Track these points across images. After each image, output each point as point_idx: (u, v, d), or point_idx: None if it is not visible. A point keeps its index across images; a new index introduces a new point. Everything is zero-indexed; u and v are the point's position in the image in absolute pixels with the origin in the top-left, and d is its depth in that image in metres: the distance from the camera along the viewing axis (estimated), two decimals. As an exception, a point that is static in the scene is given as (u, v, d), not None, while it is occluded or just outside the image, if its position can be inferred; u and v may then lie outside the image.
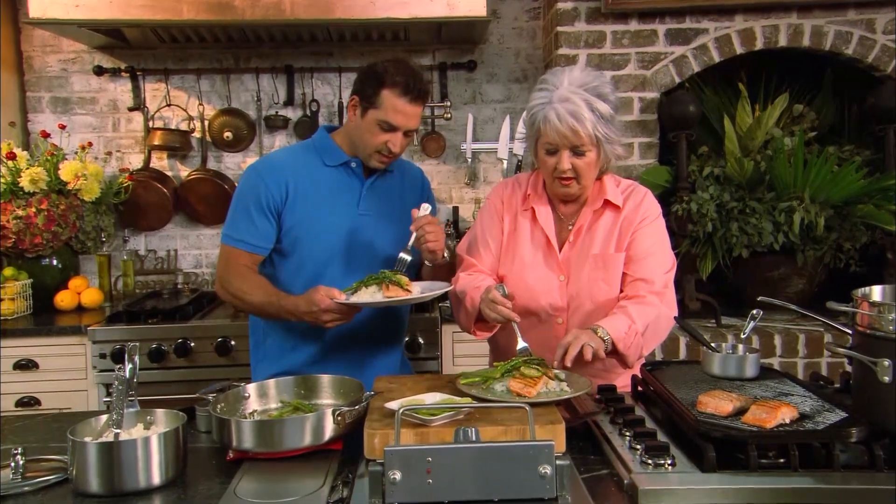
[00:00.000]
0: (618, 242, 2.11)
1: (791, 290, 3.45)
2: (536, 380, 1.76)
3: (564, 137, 1.98)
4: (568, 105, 1.95)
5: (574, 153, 2.01)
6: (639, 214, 2.14)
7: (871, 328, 1.54)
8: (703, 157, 3.54)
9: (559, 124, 1.96)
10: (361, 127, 2.16)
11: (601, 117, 1.98)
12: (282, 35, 3.61)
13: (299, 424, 1.61)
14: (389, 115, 2.12)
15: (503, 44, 3.91)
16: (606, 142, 2.01)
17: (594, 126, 1.96)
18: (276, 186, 2.16)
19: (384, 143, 2.15)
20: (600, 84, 2.01)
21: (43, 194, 3.41)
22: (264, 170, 2.20)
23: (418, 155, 3.91)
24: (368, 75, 2.14)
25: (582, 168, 2.03)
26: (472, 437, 1.44)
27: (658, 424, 1.73)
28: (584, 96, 1.96)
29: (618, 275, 2.09)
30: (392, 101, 2.11)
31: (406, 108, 2.12)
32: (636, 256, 2.09)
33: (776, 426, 1.51)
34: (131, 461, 1.47)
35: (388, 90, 2.11)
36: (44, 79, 3.86)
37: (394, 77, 2.10)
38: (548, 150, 2.04)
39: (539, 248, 2.16)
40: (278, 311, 2.12)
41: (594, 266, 2.11)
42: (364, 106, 2.15)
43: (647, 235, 2.12)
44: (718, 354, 1.85)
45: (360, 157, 2.22)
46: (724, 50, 3.47)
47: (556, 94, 1.98)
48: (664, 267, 2.09)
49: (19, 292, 3.42)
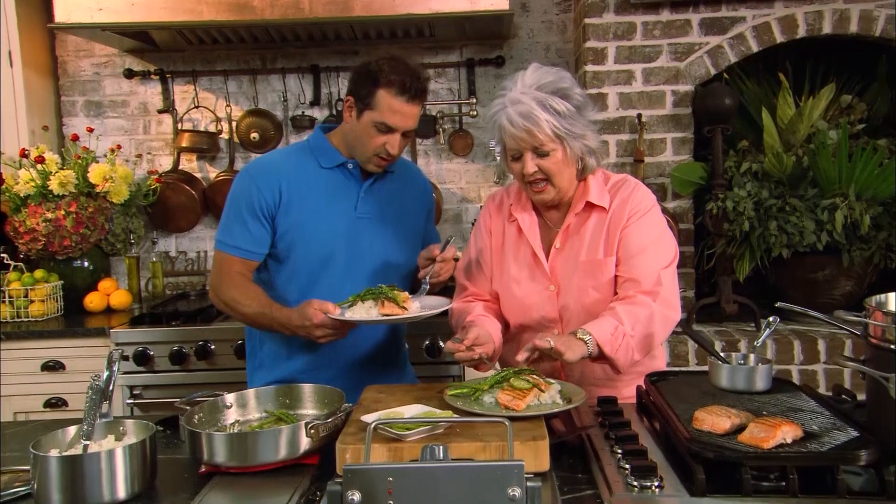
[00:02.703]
0: (606, 246, 2.00)
1: (838, 293, 3.26)
2: (526, 392, 1.66)
3: (521, 140, 1.91)
4: (519, 107, 1.89)
5: (537, 154, 1.93)
6: (626, 211, 2.02)
7: (883, 340, 1.40)
8: (741, 152, 3.37)
9: (512, 128, 1.90)
10: (357, 129, 2.08)
11: (558, 114, 1.89)
12: (307, 34, 3.57)
13: (272, 438, 1.54)
14: (386, 116, 2.03)
15: (533, 38, 3.80)
16: (571, 138, 1.92)
17: (551, 125, 1.88)
18: (268, 190, 2.09)
19: (382, 145, 2.07)
20: (556, 80, 1.93)
21: (72, 197, 3.44)
22: (257, 173, 2.13)
23: (446, 153, 3.83)
24: (362, 74, 2.05)
25: (550, 168, 1.94)
26: (439, 456, 1.35)
27: (658, 441, 1.62)
28: (535, 96, 1.89)
29: (608, 280, 1.99)
30: (388, 102, 2.02)
31: (403, 108, 2.04)
32: (626, 256, 1.99)
33: (775, 446, 1.38)
34: (94, 475, 1.43)
35: (383, 90, 2.02)
36: (77, 83, 3.90)
37: (389, 76, 2.01)
38: (513, 156, 1.97)
39: (526, 261, 2.08)
40: (271, 323, 2.06)
41: (584, 274, 2.01)
42: (360, 107, 2.07)
43: (637, 232, 2.00)
44: (727, 366, 1.72)
45: (358, 160, 2.14)
46: (762, 39, 3.29)
47: (507, 98, 1.92)
48: (657, 263, 1.97)
49: (50, 294, 3.46)
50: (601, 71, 3.33)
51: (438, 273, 2.06)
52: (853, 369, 1.47)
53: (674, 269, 2.02)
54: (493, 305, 2.14)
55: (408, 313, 1.94)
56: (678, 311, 1.98)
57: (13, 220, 3.45)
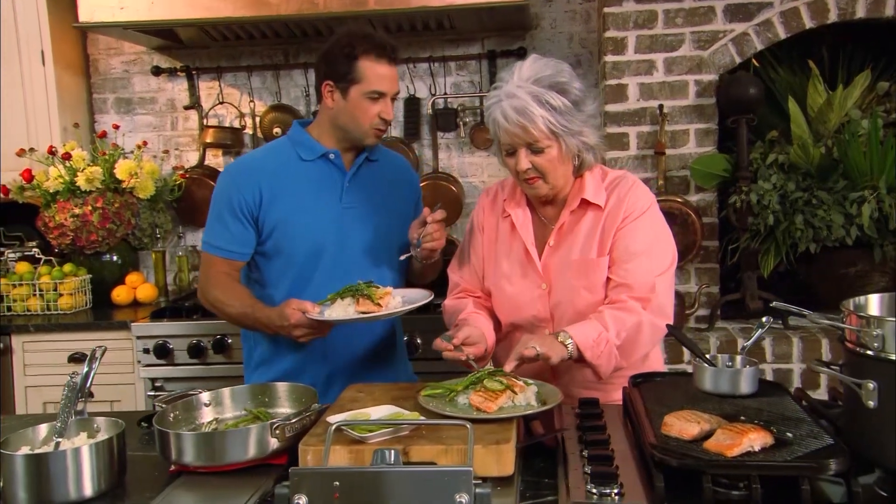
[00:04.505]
0: (600, 245, 1.94)
1: (872, 289, 3.11)
2: (499, 394, 1.62)
3: (515, 136, 1.85)
4: (514, 101, 1.83)
5: (531, 151, 1.87)
6: (622, 211, 1.95)
7: (858, 345, 1.32)
8: (770, 143, 3.25)
9: (506, 123, 1.84)
10: (348, 108, 2.08)
11: (554, 110, 1.82)
12: (327, 29, 3.56)
13: (238, 438, 1.54)
14: (375, 84, 2.06)
15: (556, 28, 3.72)
16: (567, 135, 1.86)
17: (546, 121, 1.82)
18: (248, 190, 2.09)
19: (377, 114, 2.08)
20: (554, 74, 1.86)
21: (98, 193, 3.52)
22: (236, 172, 2.14)
23: (467, 147, 3.79)
24: (334, 55, 2.07)
25: (544, 165, 1.88)
26: (390, 460, 1.33)
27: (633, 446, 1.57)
28: (531, 90, 1.82)
29: (600, 281, 1.93)
30: (373, 69, 2.05)
31: (388, 72, 2.08)
32: (619, 259, 1.92)
33: (741, 454, 1.32)
34: (60, 473, 1.44)
35: (363, 60, 2.05)
36: (108, 80, 3.98)
37: (364, 45, 2.05)
38: (506, 150, 1.92)
39: (518, 258, 2.03)
40: (254, 323, 2.07)
41: (576, 273, 1.96)
42: (342, 86, 2.07)
43: (632, 235, 1.93)
44: (710, 368, 1.65)
45: (357, 137, 2.13)
46: (790, 25, 3.16)
47: (503, 92, 1.86)
48: (652, 270, 1.90)
49: (78, 287, 3.55)
50: (621, 61, 3.25)
51: (431, 236, 2.03)
52: (827, 374, 1.39)
53: (670, 274, 1.95)
54: (486, 302, 2.11)
55: (383, 310, 1.92)
56: (670, 319, 1.91)
57: (44, 215, 3.55)
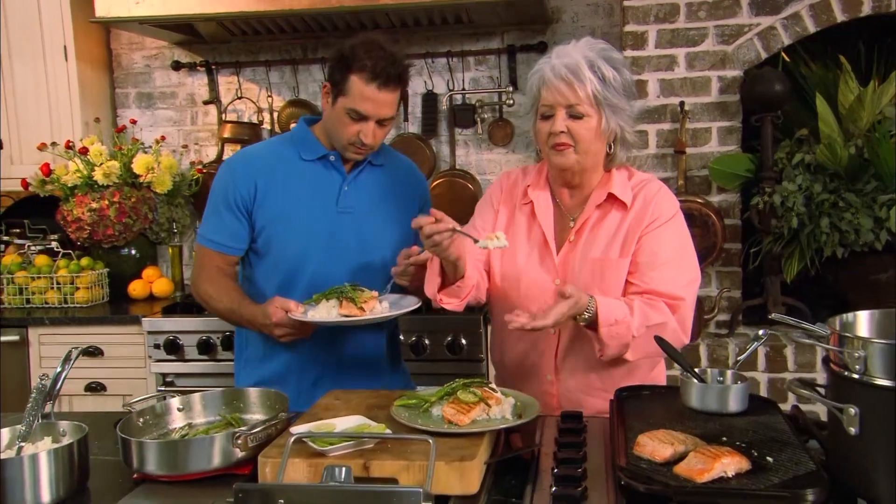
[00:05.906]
0: (623, 247, 1.86)
1: (905, 297, 2.98)
2: (472, 406, 1.55)
3: (559, 93, 1.78)
4: (567, 59, 1.79)
5: (570, 115, 1.80)
6: (648, 215, 1.87)
7: (840, 366, 1.22)
8: (797, 141, 3.11)
9: (554, 78, 1.79)
10: (333, 116, 2.01)
11: (603, 80, 1.77)
12: (344, 24, 3.52)
13: (200, 447, 1.50)
14: (357, 103, 1.94)
15: (577, 22, 3.62)
16: (610, 109, 1.79)
17: (594, 86, 1.77)
18: (244, 184, 2.04)
19: (355, 133, 1.98)
20: (609, 49, 1.83)
21: (115, 187, 3.53)
22: (235, 165, 2.09)
23: (485, 143, 3.71)
24: (337, 59, 1.97)
25: (580, 133, 1.80)
26: (339, 478, 1.28)
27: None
28: (586, 54, 1.79)
29: (618, 283, 1.85)
30: (360, 88, 1.93)
31: (376, 96, 1.94)
32: (644, 265, 1.84)
33: (712, 480, 1.24)
34: (16, 479, 1.41)
35: (355, 75, 1.93)
36: (130, 75, 4.00)
37: (362, 61, 1.92)
38: (544, 113, 1.84)
39: (535, 248, 1.94)
40: (240, 319, 2.04)
41: (592, 272, 1.87)
42: (335, 93, 1.99)
43: (657, 241, 1.85)
44: (697, 385, 1.56)
45: (337, 148, 2.07)
46: (820, 18, 3.02)
47: (555, 52, 1.82)
48: (678, 280, 1.82)
49: (95, 281, 3.58)
50: (641, 56, 3.15)
51: (409, 274, 1.96)
52: (805, 397, 1.29)
53: (694, 290, 1.86)
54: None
55: (366, 315, 1.87)
56: (688, 336, 1.83)
57: (63, 209, 3.58)
